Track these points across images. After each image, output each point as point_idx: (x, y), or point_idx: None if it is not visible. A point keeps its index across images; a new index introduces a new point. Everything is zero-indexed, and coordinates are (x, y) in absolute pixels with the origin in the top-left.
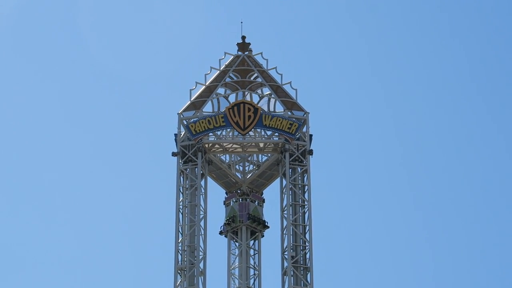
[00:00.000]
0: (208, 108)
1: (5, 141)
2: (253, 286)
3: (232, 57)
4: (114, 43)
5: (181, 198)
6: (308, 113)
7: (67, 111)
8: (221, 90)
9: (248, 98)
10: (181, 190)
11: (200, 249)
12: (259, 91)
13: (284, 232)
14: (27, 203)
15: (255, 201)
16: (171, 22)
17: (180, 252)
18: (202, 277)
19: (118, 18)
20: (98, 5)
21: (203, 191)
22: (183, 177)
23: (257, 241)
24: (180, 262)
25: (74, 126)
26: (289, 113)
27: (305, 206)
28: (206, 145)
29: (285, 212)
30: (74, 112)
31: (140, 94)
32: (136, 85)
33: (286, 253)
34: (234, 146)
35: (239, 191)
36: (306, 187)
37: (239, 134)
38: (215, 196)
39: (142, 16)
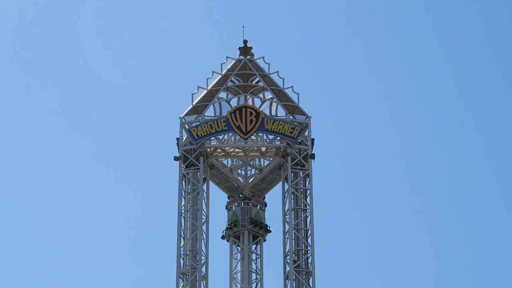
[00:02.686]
0: (210, 112)
1: (5, 146)
2: None
3: (234, 61)
4: (115, 47)
5: (183, 203)
6: (310, 117)
7: (69, 115)
8: (223, 94)
9: (250, 102)
10: (183, 194)
11: (202, 253)
12: (261, 95)
13: (286, 236)
14: (29, 209)
15: (257, 206)
16: (172, 27)
17: (182, 257)
18: (204, 281)
19: (119, 23)
20: (99, 10)
21: (205, 195)
22: (185, 182)
23: (259, 245)
24: (182, 267)
25: (76, 130)
26: (291, 117)
27: (307, 210)
28: (208, 150)
29: (287, 216)
30: (76, 116)
31: (142, 98)
32: (138, 90)
33: (288, 257)
34: (236, 150)
35: (241, 196)
36: (308, 191)
37: (241, 138)
38: (217, 201)
39: (144, 21)
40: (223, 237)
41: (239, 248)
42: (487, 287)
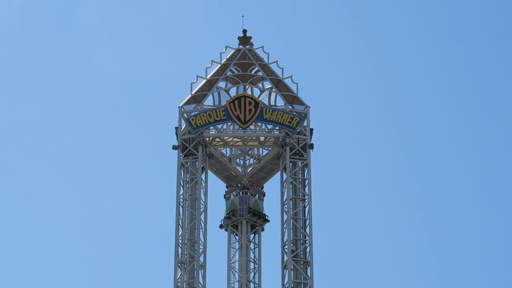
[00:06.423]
0: (209, 102)
1: (6, 142)
2: (253, 280)
3: (233, 50)
4: (115, 36)
5: (181, 192)
6: (309, 107)
7: (68, 106)
8: (222, 84)
9: (249, 92)
10: (181, 183)
11: (200, 242)
12: (260, 85)
13: (284, 226)
14: (31, 201)
15: (255, 195)
16: (172, 16)
17: (180, 246)
18: (202, 270)
19: (119, 11)
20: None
21: (203, 184)
22: (183, 171)
23: (257, 235)
24: (180, 256)
25: (75, 121)
26: (290, 107)
27: (306, 200)
28: (207, 139)
29: (286, 206)
30: (75, 106)
31: (141, 87)
32: (137, 79)
33: (286, 247)
34: (235, 139)
35: (239, 185)
36: (307, 181)
37: (240, 128)
38: (215, 190)
39: (143, 10)
40: (221, 227)
41: (237, 238)
42: (487, 286)
